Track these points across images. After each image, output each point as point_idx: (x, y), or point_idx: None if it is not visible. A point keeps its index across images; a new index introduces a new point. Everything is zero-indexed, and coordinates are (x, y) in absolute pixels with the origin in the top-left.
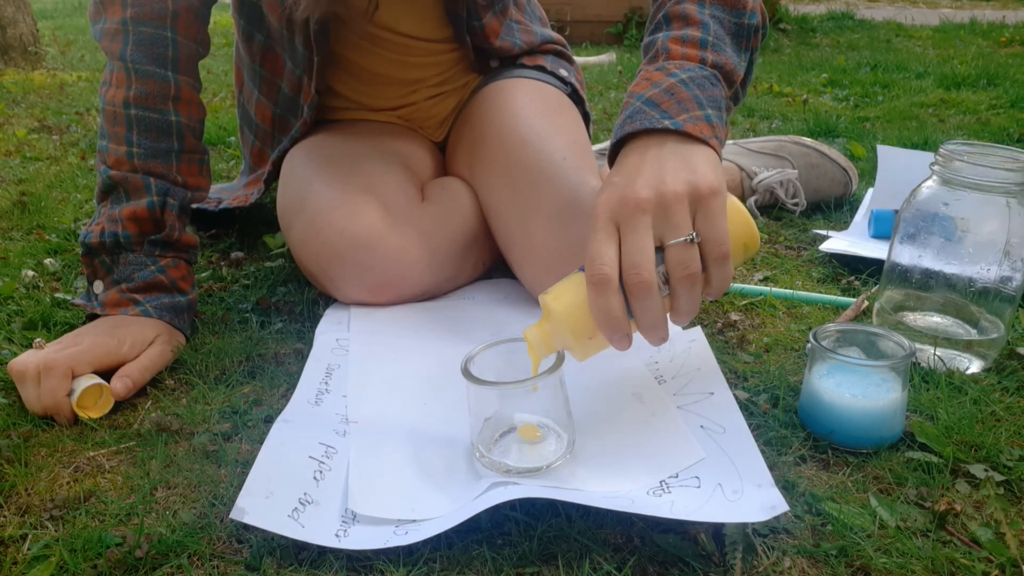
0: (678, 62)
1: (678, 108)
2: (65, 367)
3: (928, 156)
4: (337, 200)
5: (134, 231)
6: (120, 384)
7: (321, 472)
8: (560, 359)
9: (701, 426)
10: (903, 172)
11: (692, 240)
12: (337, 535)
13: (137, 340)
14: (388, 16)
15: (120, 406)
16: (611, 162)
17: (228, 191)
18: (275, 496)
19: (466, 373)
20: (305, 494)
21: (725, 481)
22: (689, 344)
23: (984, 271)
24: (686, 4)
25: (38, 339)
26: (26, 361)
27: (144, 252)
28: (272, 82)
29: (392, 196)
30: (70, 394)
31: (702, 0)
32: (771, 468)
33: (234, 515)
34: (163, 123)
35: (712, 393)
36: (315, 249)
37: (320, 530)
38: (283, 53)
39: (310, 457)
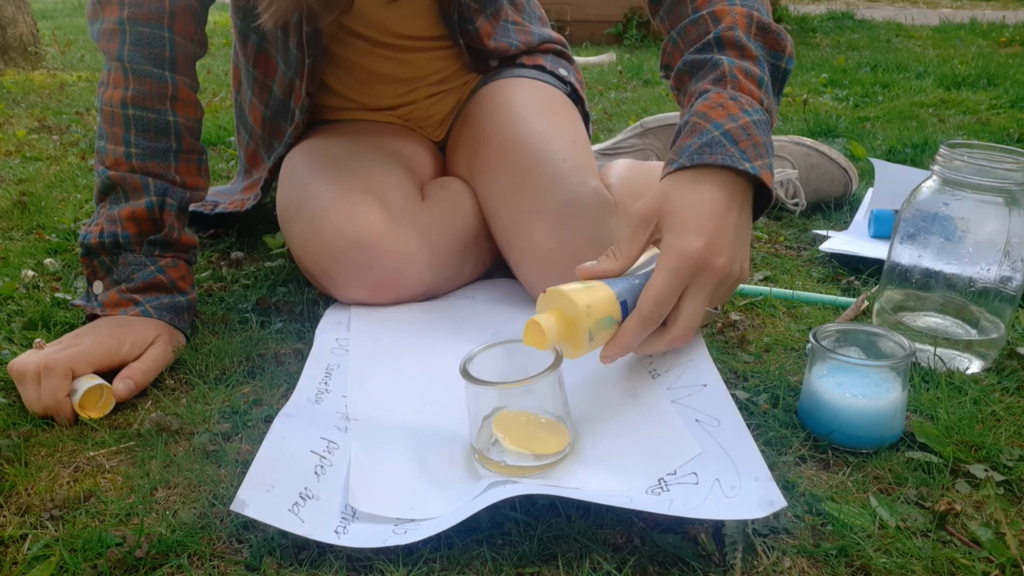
0: (747, 98)
1: (754, 152)
2: (65, 367)
3: (923, 173)
4: (337, 200)
5: (133, 231)
6: (122, 386)
7: (322, 467)
8: (558, 358)
9: (696, 420)
10: (899, 186)
11: (715, 310)
12: (336, 532)
13: (137, 341)
14: (382, 16)
15: (120, 406)
16: (666, 172)
17: (225, 194)
18: (276, 489)
19: (465, 373)
20: (306, 488)
21: (723, 476)
22: None
23: (984, 271)
24: (737, 32)
25: (38, 339)
26: (26, 361)
27: (143, 252)
28: (264, 84)
29: (392, 196)
30: (71, 395)
31: (748, 31)
32: (771, 468)
33: (235, 507)
34: (161, 123)
35: (705, 385)
36: (315, 249)
37: (320, 526)
38: (276, 55)
39: (311, 452)
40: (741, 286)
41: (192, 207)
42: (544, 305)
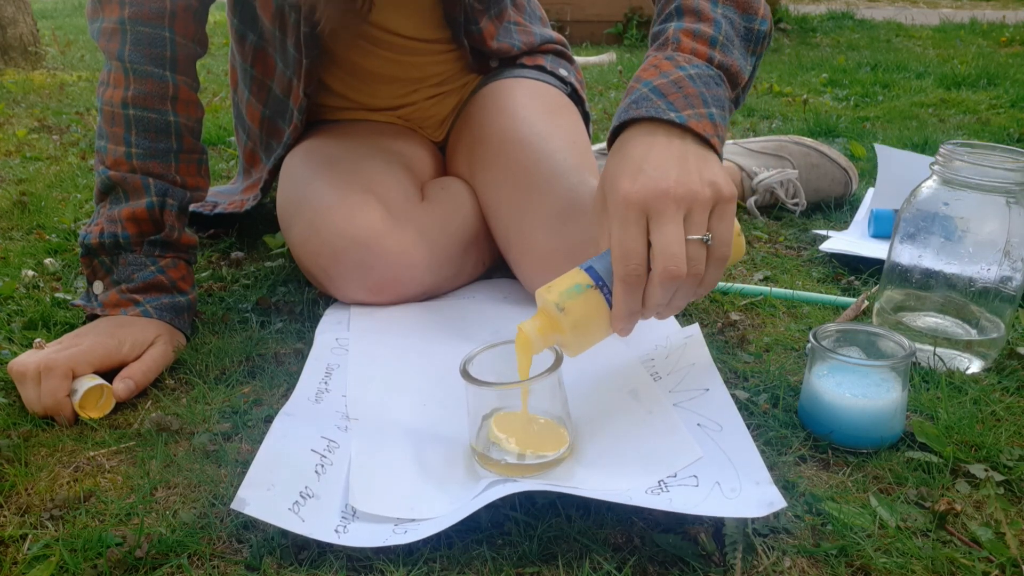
0: (687, 56)
1: (684, 103)
2: (66, 367)
3: (927, 159)
4: (337, 200)
5: (133, 231)
6: (122, 386)
7: (323, 466)
8: (558, 359)
9: (698, 424)
10: (903, 171)
11: (706, 241)
12: (337, 531)
13: (138, 341)
14: (385, 17)
15: (120, 406)
16: (610, 143)
17: (225, 195)
18: (276, 488)
19: (464, 374)
20: (306, 487)
21: (723, 479)
22: (685, 340)
23: (984, 271)
24: (700, 0)
25: (38, 339)
26: (26, 361)
27: (144, 252)
28: (263, 84)
29: (392, 196)
30: (71, 395)
31: None
32: (771, 468)
33: (235, 506)
34: (161, 123)
35: (708, 389)
36: (315, 249)
37: (320, 525)
38: (275, 54)
39: (312, 450)
40: (741, 286)
41: (192, 207)
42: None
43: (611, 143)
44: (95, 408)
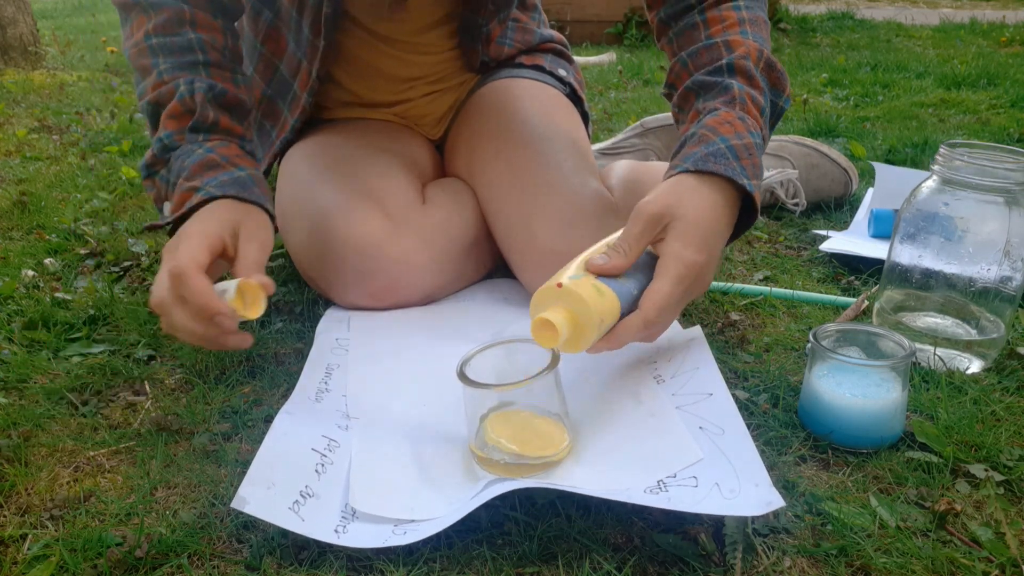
0: (752, 121)
1: (752, 171)
2: (193, 265)
3: (923, 174)
4: (338, 205)
5: (174, 128)
6: (259, 278)
7: (323, 465)
8: (555, 358)
9: (700, 427)
10: (899, 188)
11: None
12: (336, 531)
13: (223, 229)
14: (400, 16)
15: (120, 406)
16: (674, 157)
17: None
18: (277, 487)
19: (461, 376)
20: (307, 487)
21: (723, 480)
22: (688, 344)
23: (984, 271)
24: (748, 63)
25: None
26: (157, 290)
27: (187, 141)
28: (271, 62)
29: (393, 200)
30: (222, 295)
31: (758, 64)
32: (771, 468)
33: (235, 504)
34: (183, 43)
35: (711, 394)
36: (315, 256)
37: (320, 525)
38: (288, 34)
39: (312, 449)
40: (741, 286)
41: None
42: (547, 299)
43: (672, 175)
44: (249, 308)
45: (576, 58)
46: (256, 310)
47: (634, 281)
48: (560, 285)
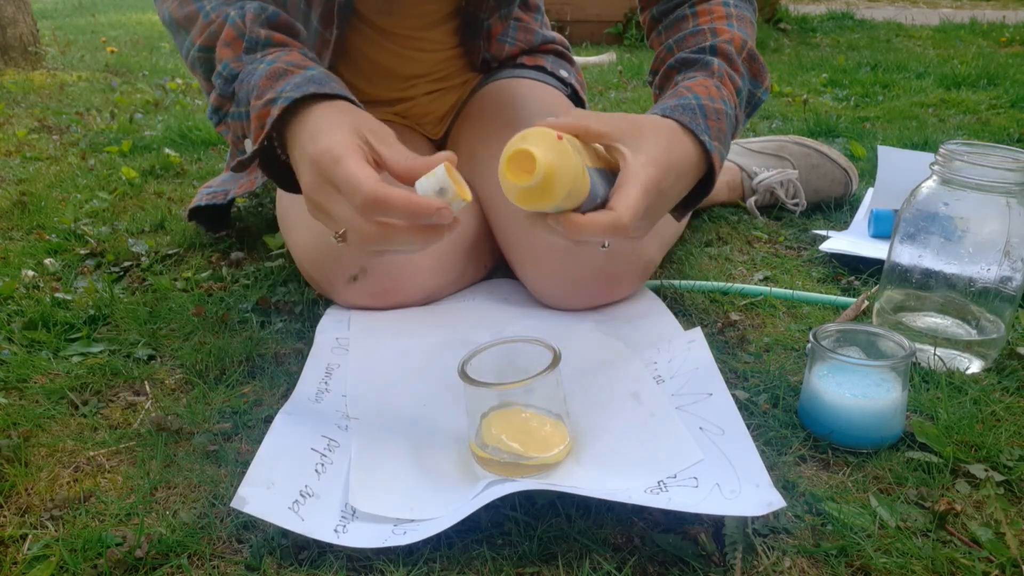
0: (727, 93)
1: (717, 134)
2: (374, 180)
3: (928, 156)
4: None
5: (230, 55)
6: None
7: (323, 465)
8: (556, 357)
9: (700, 427)
10: (903, 172)
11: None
12: (336, 531)
13: (357, 142)
14: (405, 10)
15: (120, 406)
16: (656, 93)
17: (232, 181)
18: (276, 487)
19: (462, 375)
20: (306, 486)
21: (723, 481)
22: (688, 344)
23: (984, 271)
24: (731, 48)
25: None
26: (355, 233)
27: (246, 63)
28: None
29: None
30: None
31: (740, 52)
32: (771, 468)
33: (235, 504)
34: None
35: (711, 394)
36: (316, 256)
37: (319, 524)
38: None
39: (312, 449)
40: (741, 286)
41: (207, 200)
42: (535, 139)
43: (657, 93)
44: (461, 187)
45: (576, 58)
46: (465, 189)
47: (599, 184)
48: (560, 138)
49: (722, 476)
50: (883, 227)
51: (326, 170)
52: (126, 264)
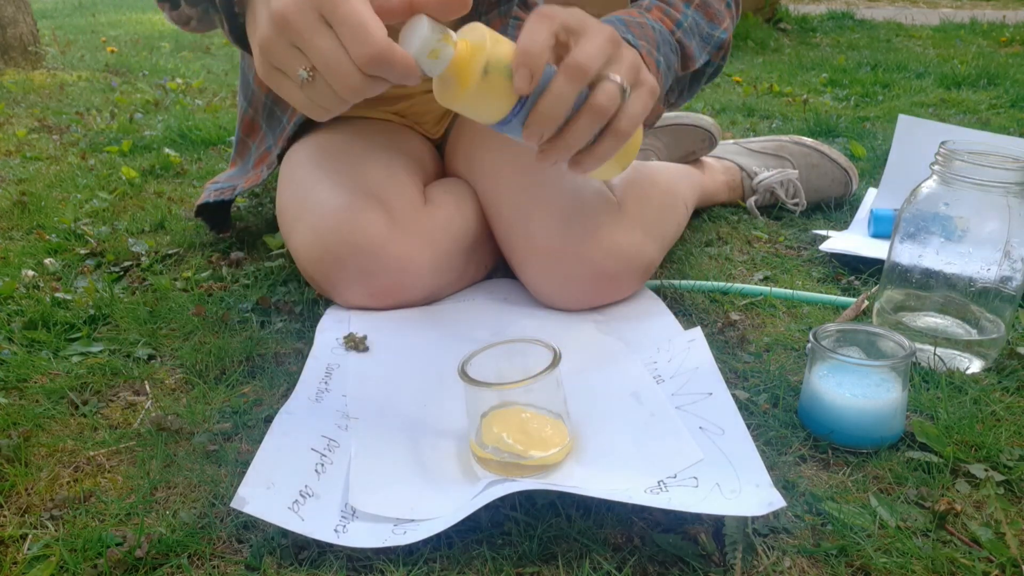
0: (657, 19)
1: (641, 33)
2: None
3: (948, 128)
4: (339, 205)
5: None
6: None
7: (323, 465)
8: (557, 357)
9: (700, 427)
10: (920, 145)
11: (624, 91)
12: (336, 531)
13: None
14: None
15: (120, 406)
16: None
17: (237, 177)
18: (276, 487)
19: (463, 375)
20: (306, 486)
21: (723, 481)
22: (688, 344)
23: (984, 271)
24: None
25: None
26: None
27: None
28: None
29: (394, 200)
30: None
31: (688, 1)
32: (771, 468)
33: (234, 504)
34: None
35: (711, 394)
36: (317, 255)
37: (319, 524)
38: None
39: (312, 449)
40: (741, 286)
41: (215, 196)
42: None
43: None
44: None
45: None
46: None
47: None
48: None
49: (722, 476)
50: (883, 227)
51: None
52: (126, 264)
